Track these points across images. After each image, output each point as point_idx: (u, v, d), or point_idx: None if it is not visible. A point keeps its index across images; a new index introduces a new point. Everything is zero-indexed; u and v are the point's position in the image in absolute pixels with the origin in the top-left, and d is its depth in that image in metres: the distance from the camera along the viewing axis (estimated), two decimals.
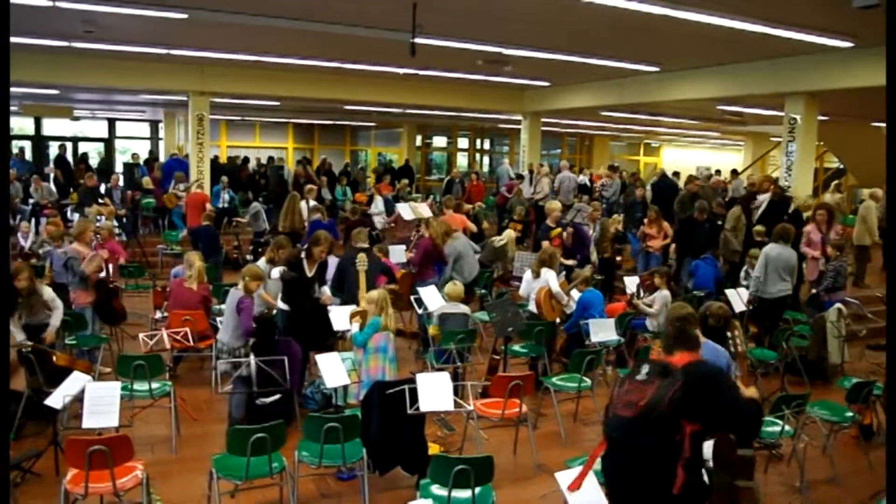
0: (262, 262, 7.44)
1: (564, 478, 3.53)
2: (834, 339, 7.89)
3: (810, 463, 5.72)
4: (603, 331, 7.22)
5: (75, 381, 4.69)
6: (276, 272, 7.04)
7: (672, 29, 8.49)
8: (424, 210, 11.46)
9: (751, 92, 11.52)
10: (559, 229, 9.82)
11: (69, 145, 20.83)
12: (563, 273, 8.53)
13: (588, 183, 16.86)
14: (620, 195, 14.93)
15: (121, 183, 14.44)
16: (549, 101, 16.04)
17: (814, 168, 12.12)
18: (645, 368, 3.30)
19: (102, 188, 14.31)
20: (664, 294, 7.82)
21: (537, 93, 16.09)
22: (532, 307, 7.75)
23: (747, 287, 8.41)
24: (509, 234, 11.09)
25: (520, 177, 16.49)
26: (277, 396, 5.98)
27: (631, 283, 8.69)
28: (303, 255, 6.96)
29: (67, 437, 4.53)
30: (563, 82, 14.82)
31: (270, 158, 20.39)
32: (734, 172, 17.19)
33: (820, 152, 16.87)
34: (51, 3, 8.26)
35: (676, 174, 17.39)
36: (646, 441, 3.12)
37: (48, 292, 6.57)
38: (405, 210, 11.70)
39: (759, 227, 9.77)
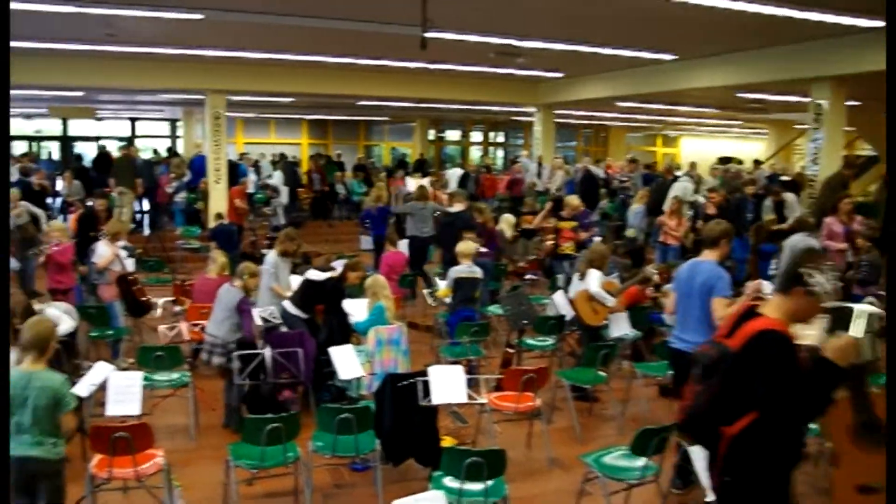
0: (273, 255, 7.55)
1: None
2: (867, 334, 7.66)
3: None
4: (618, 325, 7.21)
5: (99, 371, 4.80)
6: (316, 273, 7.06)
7: (689, 15, 8.36)
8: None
9: (773, 78, 11.13)
10: (574, 223, 9.80)
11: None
12: (616, 275, 8.30)
13: (604, 175, 16.78)
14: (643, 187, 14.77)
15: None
16: (562, 92, 15.93)
17: (842, 156, 11.53)
18: None
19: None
20: None
21: (550, 84, 16.01)
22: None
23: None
24: (506, 218, 10.91)
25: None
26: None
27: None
28: (338, 270, 7.05)
29: (93, 423, 4.66)
30: (577, 73, 14.71)
31: (283, 155, 20.50)
32: (756, 162, 16.96)
33: (850, 139, 16.25)
34: (75, 9, 8.42)
35: (693, 165, 17.21)
36: None
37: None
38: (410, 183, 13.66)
39: (771, 217, 9.66)
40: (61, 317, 6.17)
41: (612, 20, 9.32)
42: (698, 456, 4.03)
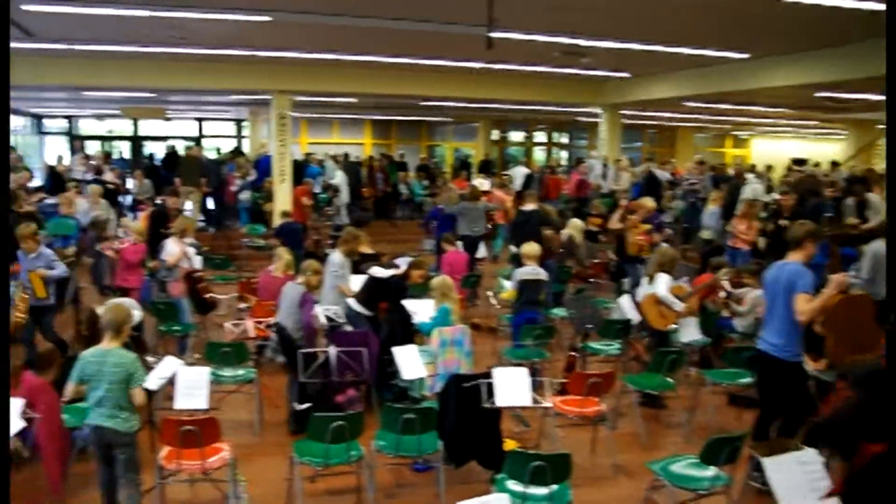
0: (338, 255, 7.58)
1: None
2: None
3: None
4: (687, 330, 7.02)
5: (168, 365, 4.90)
6: (380, 271, 7.09)
7: (765, 12, 8.10)
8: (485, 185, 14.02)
9: (855, 76, 10.56)
10: (647, 225, 9.59)
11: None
12: (685, 279, 8.06)
13: (671, 177, 16.41)
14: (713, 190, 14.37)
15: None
16: (628, 92, 15.65)
17: None
18: None
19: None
20: (756, 294, 7.51)
21: (616, 84, 15.75)
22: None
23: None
24: (575, 223, 10.81)
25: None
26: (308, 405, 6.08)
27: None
28: (402, 268, 7.06)
29: (162, 416, 4.75)
30: (644, 72, 14.45)
31: (346, 155, 20.70)
32: (834, 164, 16.31)
33: None
34: (148, 13, 8.67)
35: (769, 168, 16.65)
36: None
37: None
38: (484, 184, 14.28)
39: (854, 219, 9.26)
40: None
41: (683, 18, 9.09)
42: (773, 469, 3.87)
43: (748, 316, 7.41)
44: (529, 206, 9.77)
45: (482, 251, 10.87)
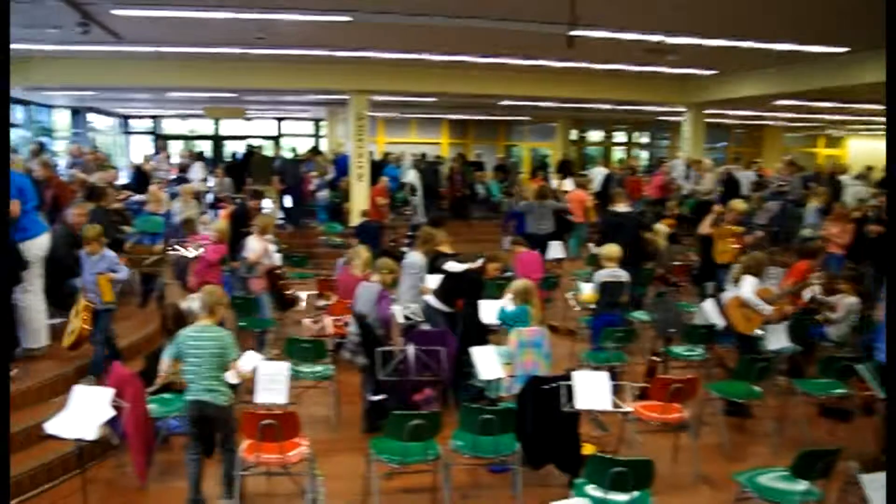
0: (416, 255, 7.57)
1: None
2: None
3: None
4: (776, 337, 6.72)
5: (249, 360, 4.99)
6: (455, 266, 7.08)
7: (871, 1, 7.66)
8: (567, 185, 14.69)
9: None
10: (739, 228, 9.26)
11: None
12: (774, 282, 7.75)
13: (757, 178, 15.83)
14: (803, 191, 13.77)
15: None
16: (715, 90, 15.16)
17: None
18: None
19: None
20: (850, 301, 7.15)
21: (702, 82, 15.27)
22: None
23: None
24: (660, 229, 10.58)
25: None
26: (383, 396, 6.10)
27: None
28: (479, 262, 7.03)
29: (242, 410, 4.84)
30: (732, 70, 13.97)
31: (423, 155, 20.79)
32: None
33: None
34: (231, 15, 8.89)
35: (869, 168, 15.83)
36: None
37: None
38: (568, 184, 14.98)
39: None
40: None
41: (775, 12, 8.72)
42: (873, 487, 3.67)
43: (842, 324, 7.06)
44: (622, 208, 9.53)
45: (559, 251, 10.68)
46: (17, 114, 17.90)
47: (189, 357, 4.56)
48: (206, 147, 24.82)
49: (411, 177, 15.68)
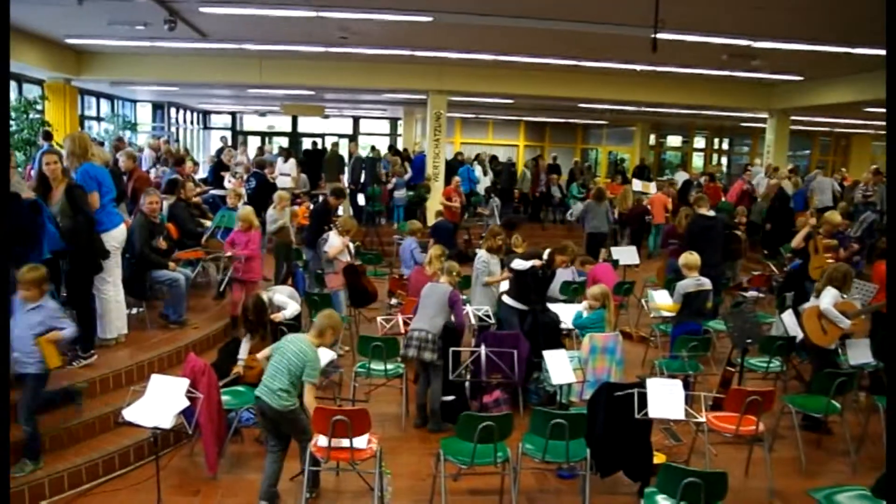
0: (483, 252, 7.64)
1: None
2: None
3: None
4: (858, 351, 6.47)
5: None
6: (520, 263, 7.11)
7: None
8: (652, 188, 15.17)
9: None
10: (834, 241, 8.93)
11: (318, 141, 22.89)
12: (858, 297, 7.41)
13: (839, 186, 15.27)
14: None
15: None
16: (800, 96, 14.71)
17: None
18: None
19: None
20: None
21: (787, 88, 14.84)
22: None
23: None
24: (736, 235, 10.30)
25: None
26: (452, 397, 6.15)
27: None
28: (545, 256, 7.03)
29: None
30: (819, 75, 13.51)
31: (494, 157, 20.73)
32: None
33: None
34: (314, 14, 9.10)
35: None
36: None
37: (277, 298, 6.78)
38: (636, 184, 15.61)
39: None
40: (287, 302, 6.61)
41: (865, 16, 8.39)
42: None
43: None
44: (710, 212, 9.35)
45: (634, 257, 10.54)
46: (104, 108, 18.79)
47: (275, 355, 4.70)
48: (283, 143, 25.47)
49: (485, 179, 15.73)
